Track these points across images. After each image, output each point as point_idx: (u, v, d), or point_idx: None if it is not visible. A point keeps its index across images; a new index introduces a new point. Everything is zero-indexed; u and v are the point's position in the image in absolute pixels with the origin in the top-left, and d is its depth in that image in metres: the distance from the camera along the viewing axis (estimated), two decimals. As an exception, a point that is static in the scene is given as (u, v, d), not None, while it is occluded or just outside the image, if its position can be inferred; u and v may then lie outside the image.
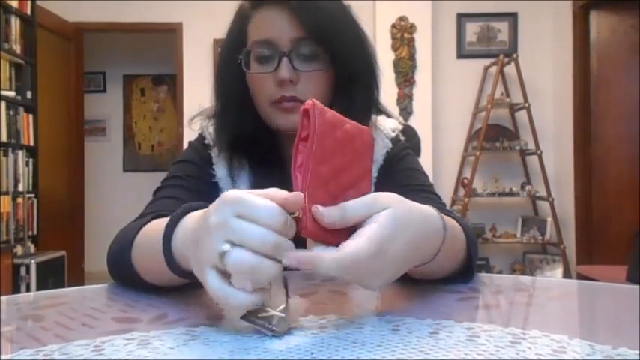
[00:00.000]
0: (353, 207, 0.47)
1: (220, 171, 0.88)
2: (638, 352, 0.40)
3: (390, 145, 0.91)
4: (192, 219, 0.52)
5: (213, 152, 0.89)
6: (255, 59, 0.82)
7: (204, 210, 0.48)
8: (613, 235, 3.79)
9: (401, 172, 0.90)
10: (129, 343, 0.44)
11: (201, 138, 0.93)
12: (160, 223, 0.57)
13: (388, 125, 0.93)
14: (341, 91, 0.85)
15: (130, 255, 0.64)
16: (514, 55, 4.15)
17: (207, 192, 0.84)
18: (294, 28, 0.79)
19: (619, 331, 0.49)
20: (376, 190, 0.50)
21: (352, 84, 0.85)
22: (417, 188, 0.86)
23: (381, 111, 0.93)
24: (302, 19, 0.79)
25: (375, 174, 0.89)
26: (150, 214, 0.72)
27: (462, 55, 4.46)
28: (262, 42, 0.81)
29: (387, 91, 4.13)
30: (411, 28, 4.29)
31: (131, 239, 0.65)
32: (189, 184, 0.85)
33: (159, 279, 0.62)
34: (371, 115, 0.89)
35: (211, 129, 0.91)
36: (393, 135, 0.93)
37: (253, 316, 0.46)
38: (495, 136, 4.24)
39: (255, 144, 0.87)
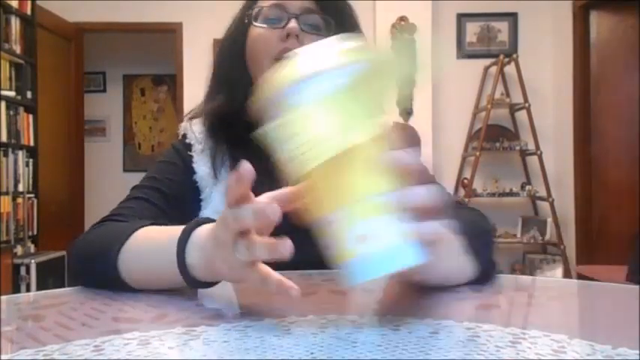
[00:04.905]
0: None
1: (201, 170, 0.88)
2: (638, 352, 0.40)
3: None
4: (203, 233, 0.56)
5: (195, 151, 0.90)
6: (263, 19, 0.87)
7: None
8: (613, 235, 3.78)
9: None
10: (129, 343, 0.44)
11: (183, 138, 0.93)
12: (155, 235, 0.63)
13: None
14: None
15: (116, 260, 0.64)
16: (514, 55, 4.15)
17: (182, 195, 0.86)
18: None
19: (619, 331, 0.49)
20: None
21: None
22: None
23: None
24: None
25: None
26: (121, 215, 0.77)
27: (462, 55, 4.45)
28: (273, 5, 0.86)
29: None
30: (411, 28, 4.28)
31: (117, 247, 0.64)
32: (164, 187, 0.85)
33: (148, 286, 0.63)
34: None
35: (194, 128, 0.92)
36: None
37: None
38: (495, 136, 4.24)
39: (242, 123, 0.82)
